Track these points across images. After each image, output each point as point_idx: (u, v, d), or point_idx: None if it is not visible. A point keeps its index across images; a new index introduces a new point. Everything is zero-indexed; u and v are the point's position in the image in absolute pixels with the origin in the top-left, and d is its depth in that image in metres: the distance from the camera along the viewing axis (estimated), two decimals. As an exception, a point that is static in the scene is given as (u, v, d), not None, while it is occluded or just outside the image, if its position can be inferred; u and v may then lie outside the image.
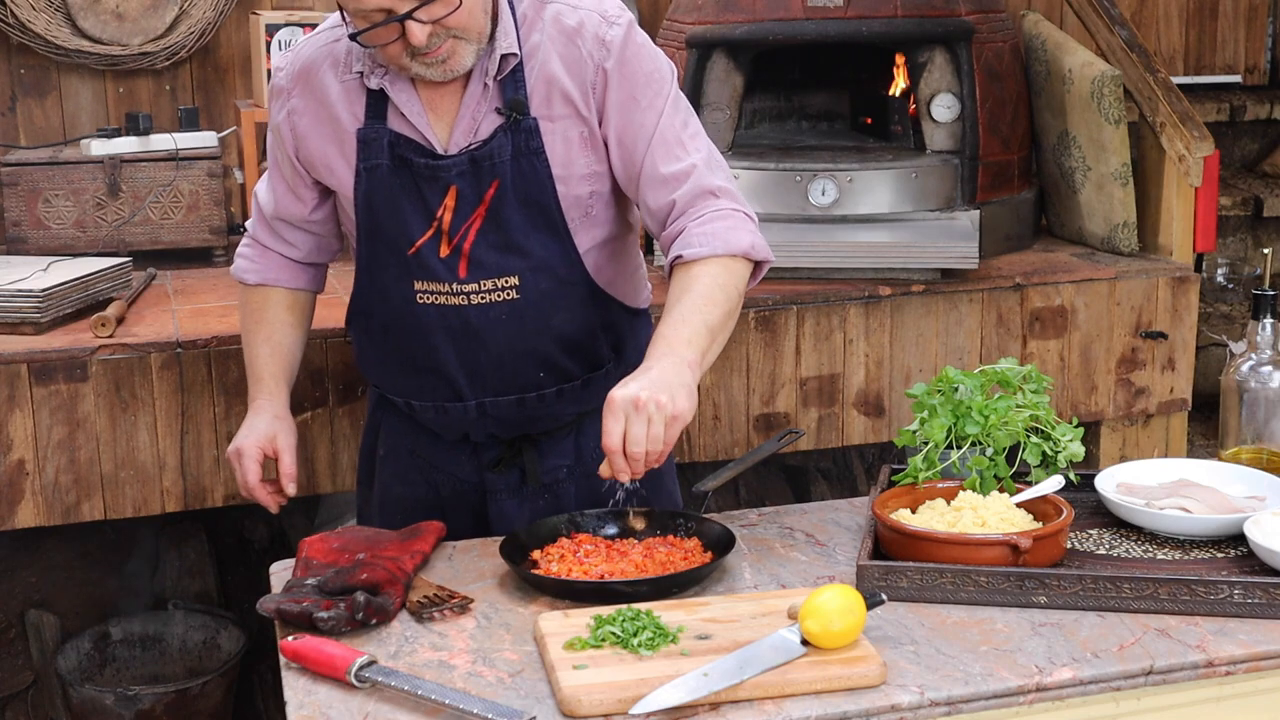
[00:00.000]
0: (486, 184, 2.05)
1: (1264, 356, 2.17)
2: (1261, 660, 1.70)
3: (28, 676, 3.34)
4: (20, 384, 2.65)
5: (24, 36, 3.40)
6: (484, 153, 2.05)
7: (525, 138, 2.05)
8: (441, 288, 2.10)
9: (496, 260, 2.08)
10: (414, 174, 2.07)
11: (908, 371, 3.12)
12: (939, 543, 1.84)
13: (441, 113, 2.08)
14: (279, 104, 2.16)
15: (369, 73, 2.06)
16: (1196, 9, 4.64)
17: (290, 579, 1.90)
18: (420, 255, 2.09)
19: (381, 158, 2.08)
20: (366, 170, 2.09)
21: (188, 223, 3.27)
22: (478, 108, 2.06)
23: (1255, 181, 4.57)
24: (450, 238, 2.07)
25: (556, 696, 1.59)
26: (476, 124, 2.06)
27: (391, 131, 2.07)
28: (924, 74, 3.25)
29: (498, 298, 2.09)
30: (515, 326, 2.11)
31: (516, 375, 2.14)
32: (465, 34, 1.98)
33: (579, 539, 1.97)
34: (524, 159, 2.06)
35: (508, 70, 2.05)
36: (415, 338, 2.14)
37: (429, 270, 2.09)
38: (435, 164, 2.06)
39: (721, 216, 2.04)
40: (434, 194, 2.07)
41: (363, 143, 2.08)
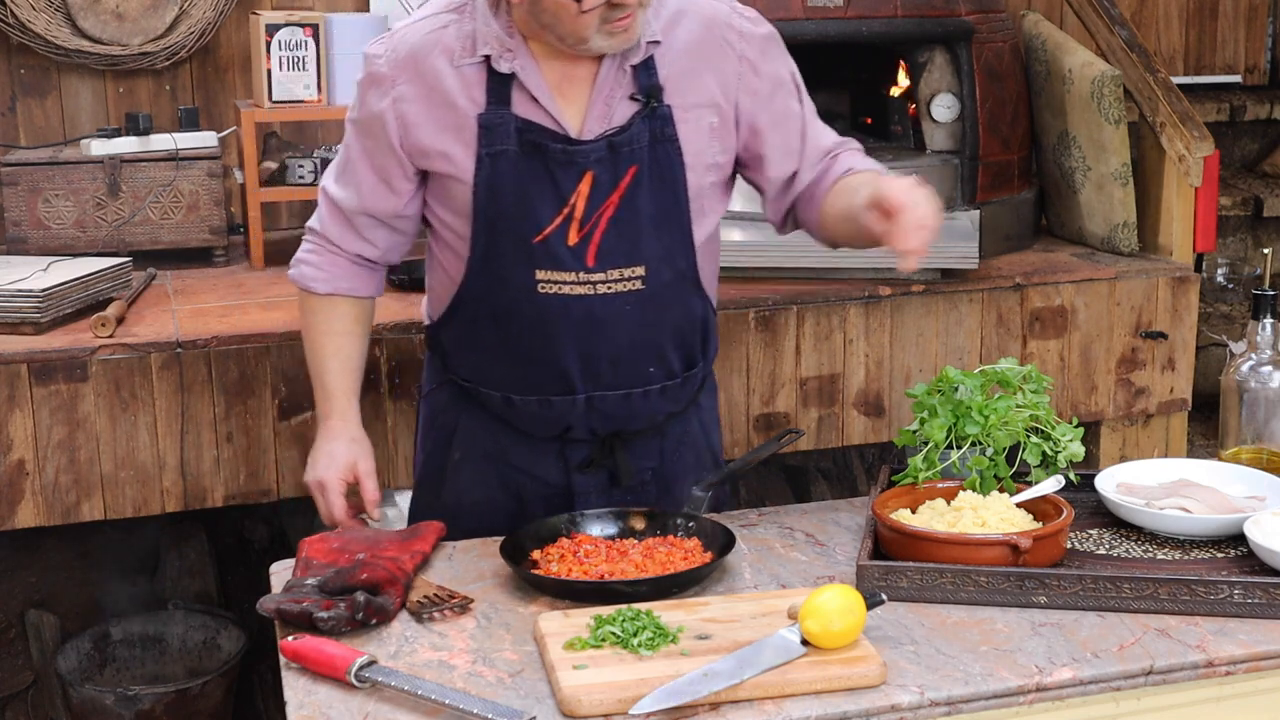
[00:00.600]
0: (623, 170, 2.05)
1: (1264, 356, 2.17)
2: (1261, 660, 1.70)
3: (28, 676, 3.34)
4: (20, 384, 2.65)
5: (24, 36, 3.40)
6: (623, 139, 2.05)
7: (660, 125, 2.06)
8: (567, 276, 2.07)
9: (626, 249, 2.07)
10: (546, 159, 2.05)
11: (908, 371, 3.12)
12: (939, 543, 1.84)
13: (571, 98, 2.07)
14: (379, 92, 2.10)
15: (498, 56, 2.04)
16: (1196, 9, 4.64)
17: (290, 579, 1.90)
18: (547, 243, 2.06)
19: (508, 143, 2.05)
20: (490, 156, 2.05)
21: (188, 223, 3.27)
22: (611, 93, 2.06)
23: (1255, 181, 4.57)
24: (582, 225, 2.06)
25: (556, 696, 1.59)
26: (611, 109, 2.06)
27: (518, 117, 2.05)
28: (924, 74, 3.25)
29: (624, 288, 2.09)
30: (637, 318, 2.10)
31: (630, 369, 2.13)
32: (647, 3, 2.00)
33: (579, 539, 1.97)
34: (659, 146, 2.06)
35: (646, 56, 2.05)
36: (532, 328, 2.11)
37: (555, 258, 2.07)
38: (572, 149, 2.04)
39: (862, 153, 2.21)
40: (568, 179, 2.05)
41: (485, 128, 2.05)
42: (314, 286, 2.24)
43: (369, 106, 2.12)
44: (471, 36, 2.06)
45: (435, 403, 2.29)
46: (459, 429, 2.25)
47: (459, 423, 2.24)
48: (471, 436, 2.23)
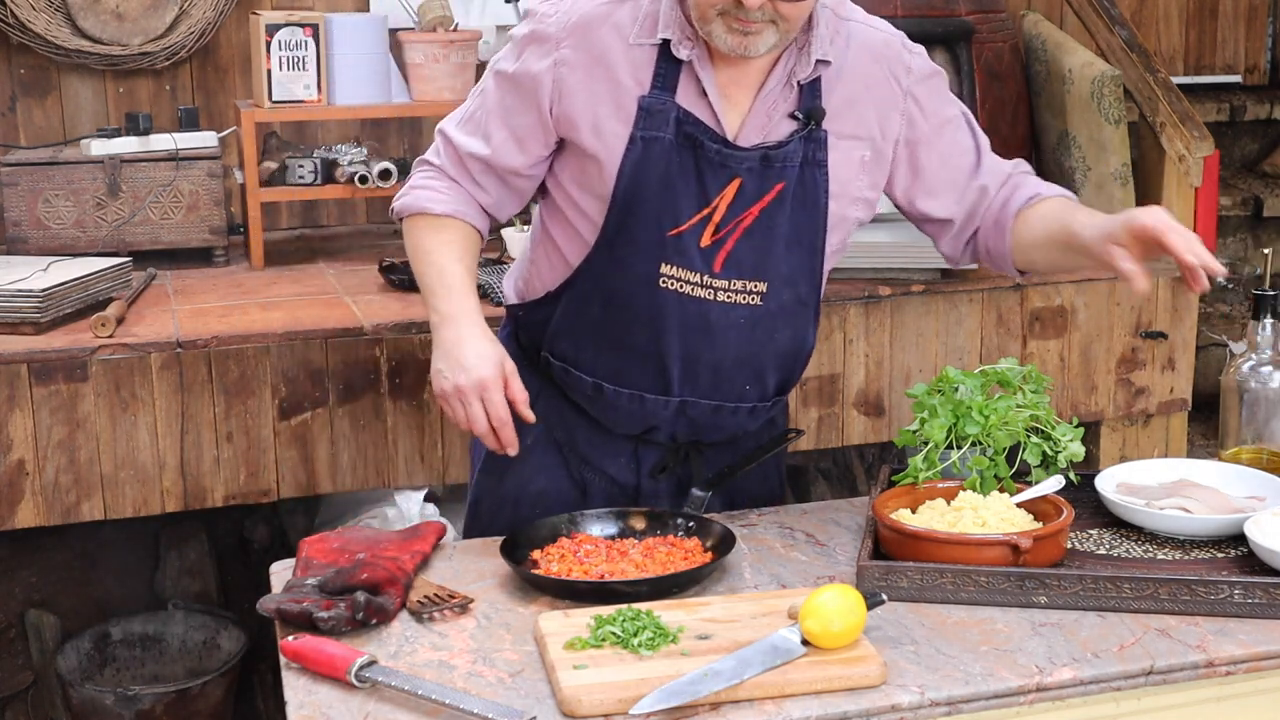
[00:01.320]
0: (771, 184, 2.03)
1: (1264, 356, 2.17)
2: (1261, 660, 1.70)
3: (28, 676, 3.34)
4: (20, 384, 2.65)
5: (24, 36, 3.40)
6: (778, 154, 2.03)
7: (814, 148, 2.04)
8: (691, 276, 2.05)
9: (754, 263, 2.05)
10: (698, 156, 2.02)
11: (908, 371, 3.12)
12: (939, 543, 1.84)
13: (734, 102, 2.04)
14: (541, 50, 2.04)
15: (678, 42, 2.00)
16: (1196, 9, 4.64)
17: (290, 579, 1.90)
18: (680, 239, 2.03)
19: (665, 130, 2.01)
20: (644, 140, 2.02)
21: (188, 223, 3.27)
22: (775, 106, 2.04)
23: (1255, 181, 4.57)
24: (718, 229, 2.04)
25: (556, 696, 1.59)
26: (771, 122, 2.04)
27: (680, 106, 2.02)
28: (924, 74, 3.25)
29: (743, 300, 2.07)
30: (748, 333, 2.08)
31: (728, 382, 2.11)
32: (786, 24, 1.96)
33: (579, 539, 1.97)
34: (808, 169, 2.05)
35: (814, 76, 2.04)
36: (643, 320, 2.08)
37: (684, 256, 2.04)
38: (727, 151, 2.02)
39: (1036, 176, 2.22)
40: (715, 181, 2.03)
41: (645, 111, 2.01)
42: (431, 207, 2.13)
43: (526, 63, 2.06)
44: (654, 17, 2.02)
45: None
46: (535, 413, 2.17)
47: (536, 407, 2.15)
48: (547, 423, 2.17)
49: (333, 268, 3.32)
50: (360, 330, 2.82)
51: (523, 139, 2.08)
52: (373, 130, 3.66)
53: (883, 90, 2.09)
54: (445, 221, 2.13)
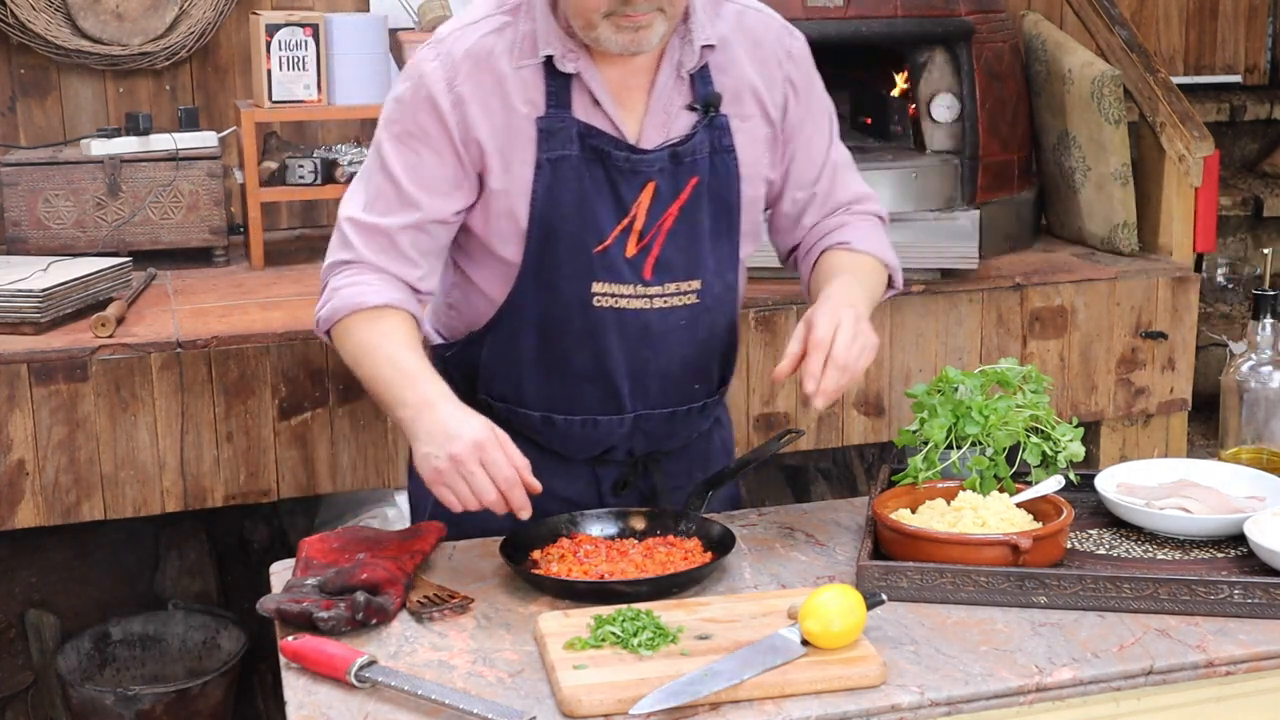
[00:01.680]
0: (684, 181, 2.01)
1: (1264, 356, 2.17)
2: (1261, 660, 1.70)
3: (28, 676, 3.34)
4: (20, 384, 2.65)
5: (24, 36, 3.40)
6: (686, 149, 2.00)
7: (719, 135, 2.02)
8: (624, 289, 2.02)
9: (684, 262, 2.03)
10: (608, 167, 1.99)
11: (908, 371, 3.12)
12: (939, 543, 1.84)
13: (629, 106, 2.01)
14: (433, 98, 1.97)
15: (561, 56, 1.96)
16: (1196, 9, 4.64)
17: (290, 579, 1.90)
18: (607, 254, 2.00)
19: (570, 148, 1.98)
20: (551, 162, 1.97)
21: (188, 223, 3.27)
22: (669, 101, 2.01)
23: (1255, 181, 4.57)
24: (641, 236, 2.01)
25: (556, 696, 1.59)
26: (670, 118, 2.01)
27: (580, 121, 1.98)
28: (924, 74, 3.25)
29: (680, 302, 2.05)
30: (690, 334, 2.06)
31: (678, 385, 2.09)
32: (671, 9, 1.92)
33: (579, 539, 1.97)
34: (717, 157, 2.03)
35: (702, 63, 2.01)
36: (583, 343, 2.04)
37: (613, 270, 2.01)
38: (636, 157, 1.99)
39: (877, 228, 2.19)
40: (629, 189, 1.99)
41: (545, 132, 1.97)
42: (366, 300, 1.97)
43: (422, 116, 1.98)
44: (531, 37, 1.98)
45: None
46: None
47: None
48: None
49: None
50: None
51: (447, 192, 2.00)
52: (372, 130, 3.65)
53: (770, 70, 2.07)
54: (382, 312, 1.97)
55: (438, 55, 2.00)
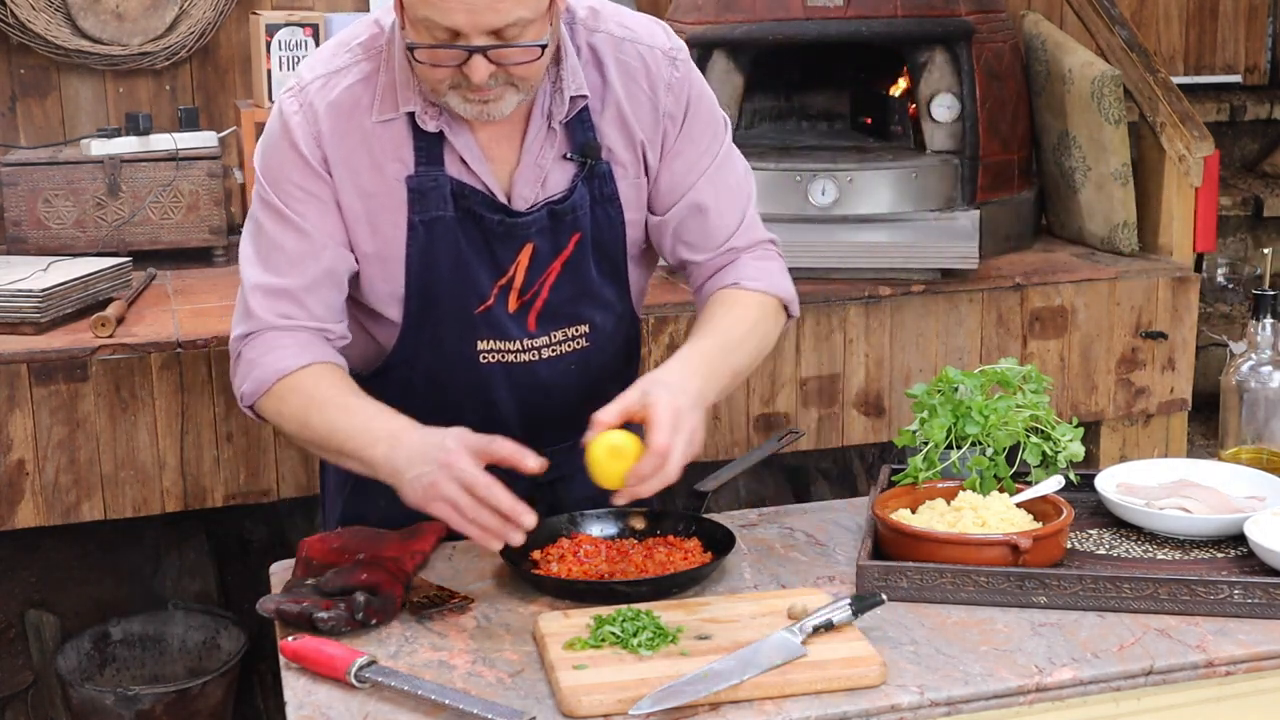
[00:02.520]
0: (566, 238, 1.93)
1: (1264, 356, 2.17)
2: (1261, 660, 1.70)
3: (28, 676, 3.34)
4: (20, 384, 2.65)
5: (24, 36, 3.40)
6: (565, 206, 1.91)
7: (600, 184, 1.93)
8: (510, 345, 1.96)
9: (570, 310, 1.96)
10: (483, 229, 1.89)
11: (908, 371, 3.12)
12: (939, 543, 1.84)
13: (500, 159, 1.91)
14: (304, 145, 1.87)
15: (423, 113, 1.85)
16: (1196, 9, 4.64)
17: (290, 579, 1.90)
18: (490, 313, 1.93)
19: (444, 209, 1.88)
20: (424, 224, 1.88)
21: (188, 223, 3.27)
22: (542, 153, 1.90)
23: (1255, 181, 4.57)
24: (522, 293, 1.93)
25: (556, 696, 1.59)
26: (544, 172, 1.91)
27: (452, 179, 1.88)
28: (924, 74, 3.25)
29: (569, 348, 1.99)
30: (582, 374, 2.00)
31: (573, 423, 1.89)
32: (523, 84, 1.81)
33: (579, 539, 1.97)
34: (600, 207, 1.94)
35: (575, 111, 1.90)
36: (472, 397, 1.98)
37: (497, 327, 1.94)
38: (512, 221, 1.89)
39: (771, 258, 2.07)
40: (506, 250, 1.90)
41: (416, 192, 1.87)
42: (287, 365, 1.87)
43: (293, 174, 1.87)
44: (392, 89, 1.86)
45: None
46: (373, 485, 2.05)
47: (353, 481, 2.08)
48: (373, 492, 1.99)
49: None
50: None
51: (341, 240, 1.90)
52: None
53: (646, 112, 1.94)
54: (310, 371, 1.88)
55: (300, 108, 1.88)
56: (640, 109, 1.94)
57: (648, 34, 1.97)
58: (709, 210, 2.01)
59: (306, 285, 1.90)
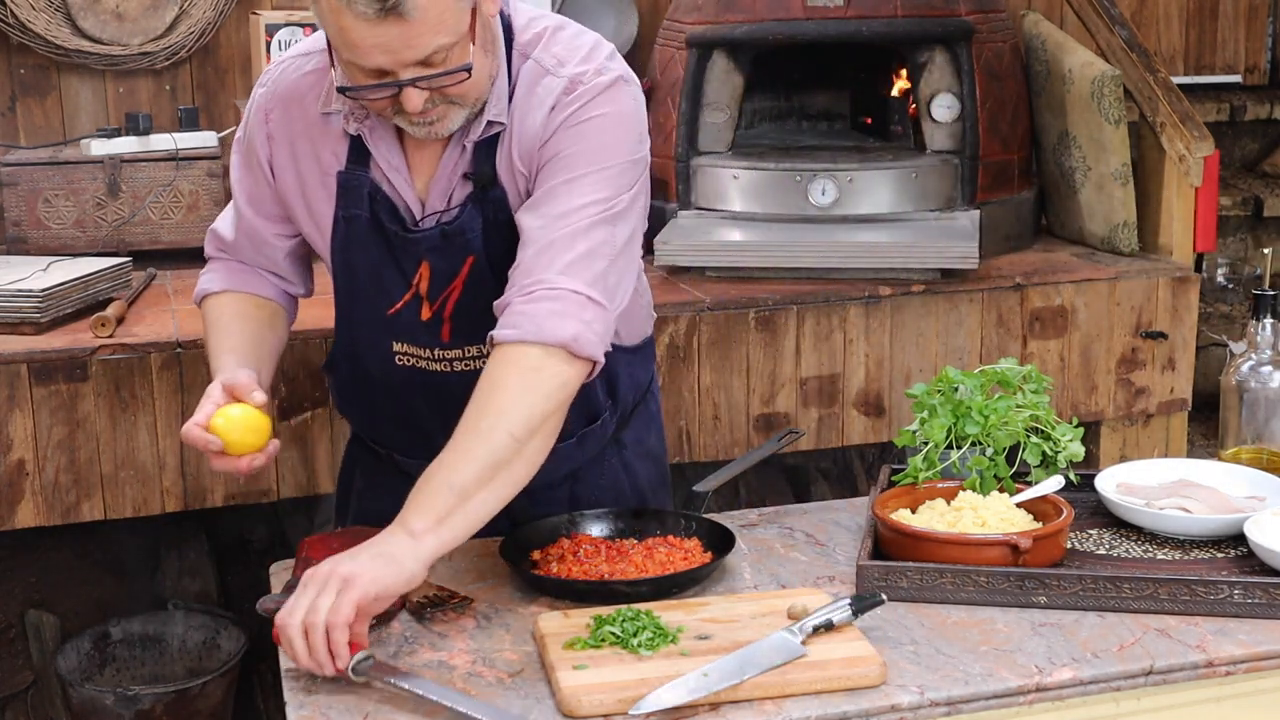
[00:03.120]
0: (460, 260, 1.91)
1: (1264, 356, 2.17)
2: (1261, 660, 1.70)
3: (28, 676, 3.34)
4: (20, 384, 2.65)
5: (24, 36, 3.40)
6: (455, 228, 1.90)
7: (494, 209, 1.89)
8: (422, 352, 1.97)
9: (484, 325, 1.84)
10: (387, 237, 1.92)
11: (908, 371, 3.12)
12: (939, 543, 1.84)
13: (421, 169, 1.92)
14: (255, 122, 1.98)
15: (348, 115, 1.89)
16: (1196, 9, 4.64)
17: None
18: (400, 316, 1.95)
19: (361, 208, 1.92)
20: (346, 219, 1.93)
21: (188, 223, 3.27)
22: (455, 170, 1.90)
23: (1255, 181, 4.57)
24: (430, 304, 1.94)
25: (556, 696, 1.59)
26: (451, 187, 1.91)
27: (372, 182, 1.91)
28: (924, 74, 3.25)
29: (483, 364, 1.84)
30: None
31: None
32: (463, 100, 1.82)
33: (579, 539, 1.97)
34: (495, 231, 1.89)
35: (488, 136, 1.88)
36: (394, 396, 2.02)
37: (410, 332, 1.95)
38: (406, 235, 1.91)
39: (554, 297, 1.78)
40: (409, 262, 1.93)
41: (343, 187, 1.92)
42: (208, 287, 2.09)
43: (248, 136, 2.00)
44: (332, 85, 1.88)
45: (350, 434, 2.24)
46: (359, 460, 2.17)
47: (360, 454, 2.16)
48: (373, 469, 2.16)
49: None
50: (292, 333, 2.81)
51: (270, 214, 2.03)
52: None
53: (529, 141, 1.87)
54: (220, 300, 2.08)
55: (265, 84, 1.99)
56: (529, 140, 1.88)
57: (573, 63, 1.88)
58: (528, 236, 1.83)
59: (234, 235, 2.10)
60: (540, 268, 1.80)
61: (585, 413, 2.05)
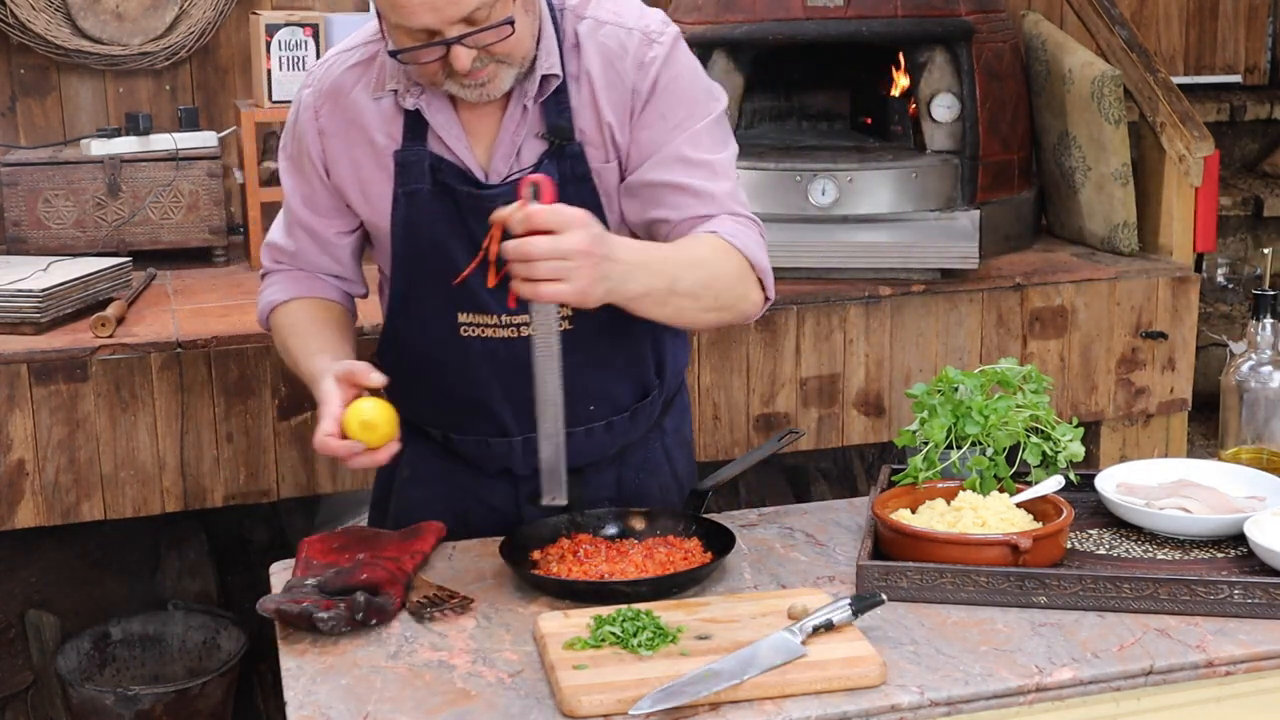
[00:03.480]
0: None
1: (1264, 356, 2.17)
2: (1261, 660, 1.70)
3: (28, 676, 3.34)
4: (20, 384, 2.65)
5: (24, 36, 3.40)
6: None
7: (571, 164, 1.96)
8: (489, 320, 2.00)
9: None
10: (457, 202, 1.97)
11: (908, 371, 3.12)
12: (939, 543, 1.84)
13: (480, 135, 1.98)
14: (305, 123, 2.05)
15: (404, 92, 1.96)
16: (1196, 9, 4.64)
17: (290, 579, 1.90)
18: (466, 285, 1.97)
19: (423, 182, 1.97)
20: (406, 195, 1.98)
21: (188, 223, 3.27)
22: (517, 131, 1.96)
23: (1255, 181, 4.57)
24: (499, 268, 1.92)
25: (556, 696, 1.59)
26: (517, 148, 1.97)
27: (432, 154, 1.97)
28: (924, 74, 3.25)
29: None
30: (568, 359, 1.93)
31: (567, 410, 1.87)
32: (509, 59, 1.89)
33: (579, 539, 1.97)
34: (571, 186, 1.94)
35: (549, 92, 1.95)
36: (457, 372, 2.04)
37: (475, 301, 1.99)
38: (479, 194, 1.95)
39: (750, 228, 1.98)
40: (479, 223, 1.92)
41: (401, 165, 1.98)
42: (275, 298, 2.13)
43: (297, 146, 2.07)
44: (384, 68, 1.98)
45: None
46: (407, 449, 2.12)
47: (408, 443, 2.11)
48: (420, 457, 2.15)
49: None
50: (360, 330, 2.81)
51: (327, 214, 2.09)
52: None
53: (618, 94, 1.97)
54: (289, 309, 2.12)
55: (311, 84, 2.06)
56: (613, 91, 1.97)
57: (633, 18, 2.00)
58: (681, 180, 1.97)
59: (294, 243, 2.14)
60: (730, 201, 1.98)
61: (639, 387, 2.12)
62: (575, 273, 1.72)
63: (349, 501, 3.23)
